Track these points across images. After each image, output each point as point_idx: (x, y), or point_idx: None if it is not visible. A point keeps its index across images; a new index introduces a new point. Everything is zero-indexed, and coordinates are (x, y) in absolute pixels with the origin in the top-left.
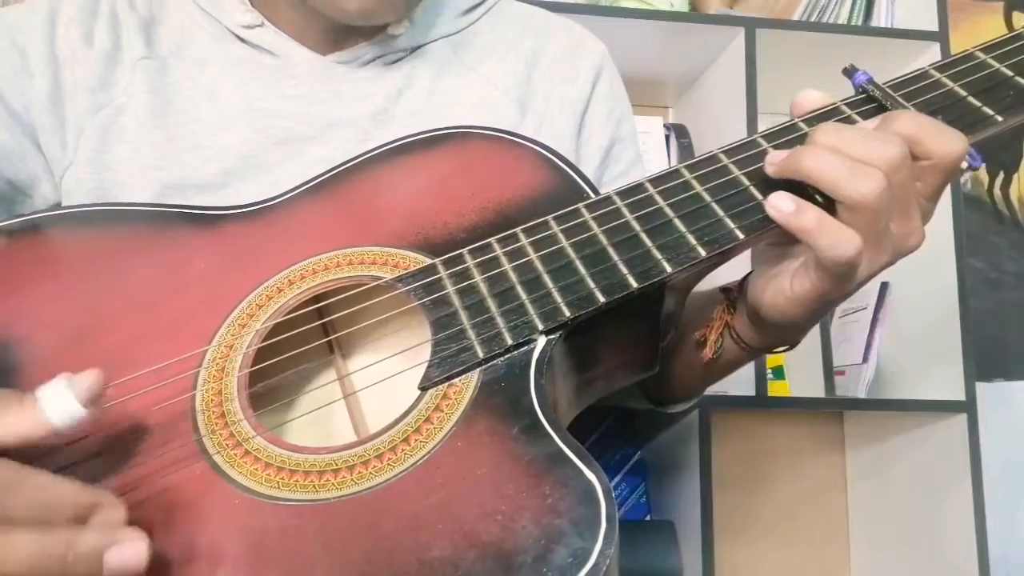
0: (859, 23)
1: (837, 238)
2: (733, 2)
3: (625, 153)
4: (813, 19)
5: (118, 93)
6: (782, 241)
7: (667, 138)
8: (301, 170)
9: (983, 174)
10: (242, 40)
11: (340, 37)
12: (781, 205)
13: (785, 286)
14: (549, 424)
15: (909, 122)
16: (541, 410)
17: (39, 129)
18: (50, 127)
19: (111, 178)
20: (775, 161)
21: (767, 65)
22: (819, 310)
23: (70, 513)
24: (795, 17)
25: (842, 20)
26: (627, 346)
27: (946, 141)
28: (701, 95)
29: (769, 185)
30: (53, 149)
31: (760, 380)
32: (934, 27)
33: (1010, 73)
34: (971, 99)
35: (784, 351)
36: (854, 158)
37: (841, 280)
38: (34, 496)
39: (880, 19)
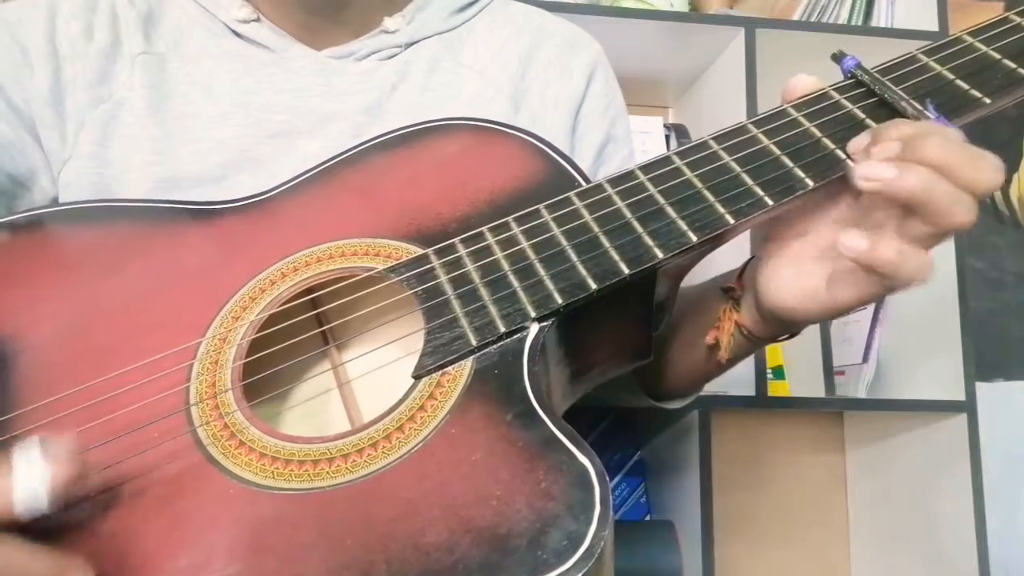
0: (859, 23)
1: (919, 265)
2: (733, 2)
3: (619, 153)
4: (813, 19)
5: (117, 88)
6: (782, 235)
7: (667, 138)
8: (295, 164)
9: None
10: (238, 35)
11: (333, 31)
12: (855, 245)
13: (822, 294)
14: (542, 410)
15: (938, 149)
16: (534, 396)
17: (39, 123)
18: (50, 121)
19: (111, 173)
20: (872, 176)
21: (767, 65)
22: (848, 313)
23: None
24: (795, 17)
25: (842, 20)
26: (620, 334)
27: (981, 169)
28: (701, 95)
29: (760, 170)
30: (52, 143)
31: (760, 380)
32: (934, 27)
33: (997, 56)
34: (959, 82)
35: (787, 339)
36: (958, 183)
37: (897, 292)
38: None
39: (880, 19)
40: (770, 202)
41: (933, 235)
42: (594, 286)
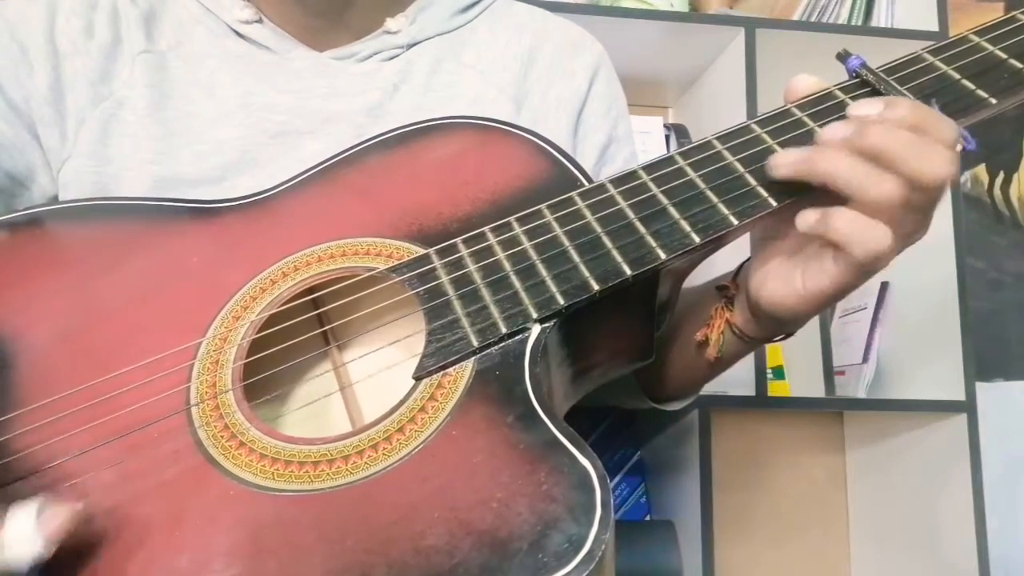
0: (859, 23)
1: (870, 236)
2: (733, 2)
3: (621, 153)
4: (813, 19)
5: (118, 86)
6: (776, 234)
7: (667, 138)
8: (296, 165)
9: (983, 174)
10: (240, 36)
11: (335, 33)
12: (807, 217)
13: (797, 284)
14: (544, 412)
15: (909, 110)
16: (536, 398)
17: (38, 121)
18: (50, 119)
19: (110, 171)
20: (784, 163)
21: (767, 65)
22: (829, 305)
23: None
24: (795, 17)
25: (842, 20)
26: (622, 334)
27: (944, 128)
28: (701, 95)
29: (764, 170)
30: (52, 141)
31: (760, 380)
32: (934, 27)
33: (1004, 56)
34: (965, 82)
35: (782, 339)
36: (868, 154)
37: (867, 274)
38: None
39: (880, 19)
40: (774, 203)
41: (874, 211)
42: (596, 287)
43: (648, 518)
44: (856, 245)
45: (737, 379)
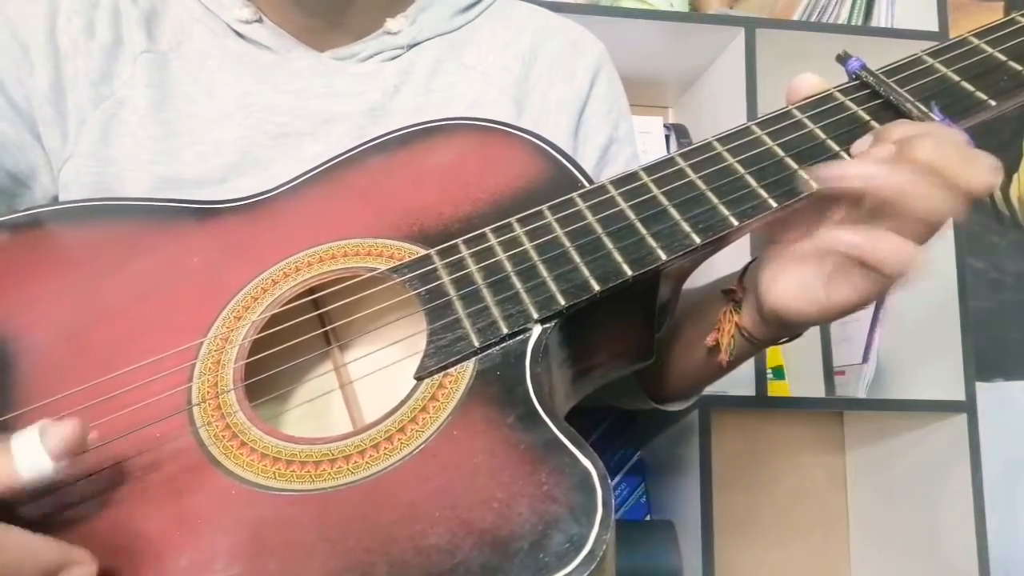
0: (859, 23)
1: (911, 259)
2: (733, 2)
3: (622, 154)
4: (813, 19)
5: (119, 86)
6: (779, 235)
7: (667, 138)
8: (297, 166)
9: None
10: (240, 36)
11: (335, 33)
12: (849, 238)
13: (819, 295)
14: (544, 412)
15: (930, 149)
16: (536, 398)
17: (40, 121)
18: (51, 119)
19: (111, 171)
20: (833, 176)
21: (767, 65)
22: (849, 315)
23: (39, 572)
24: (795, 17)
25: (842, 20)
26: (623, 335)
27: (975, 171)
28: (701, 95)
29: (764, 171)
30: (53, 141)
31: (760, 380)
32: (934, 27)
33: (1003, 58)
34: (964, 84)
35: (786, 342)
36: (949, 183)
37: (891, 288)
38: (2, 554)
39: (880, 19)
40: (774, 204)
41: (924, 232)
42: (597, 288)
43: (648, 518)
44: (896, 270)
45: (737, 379)
